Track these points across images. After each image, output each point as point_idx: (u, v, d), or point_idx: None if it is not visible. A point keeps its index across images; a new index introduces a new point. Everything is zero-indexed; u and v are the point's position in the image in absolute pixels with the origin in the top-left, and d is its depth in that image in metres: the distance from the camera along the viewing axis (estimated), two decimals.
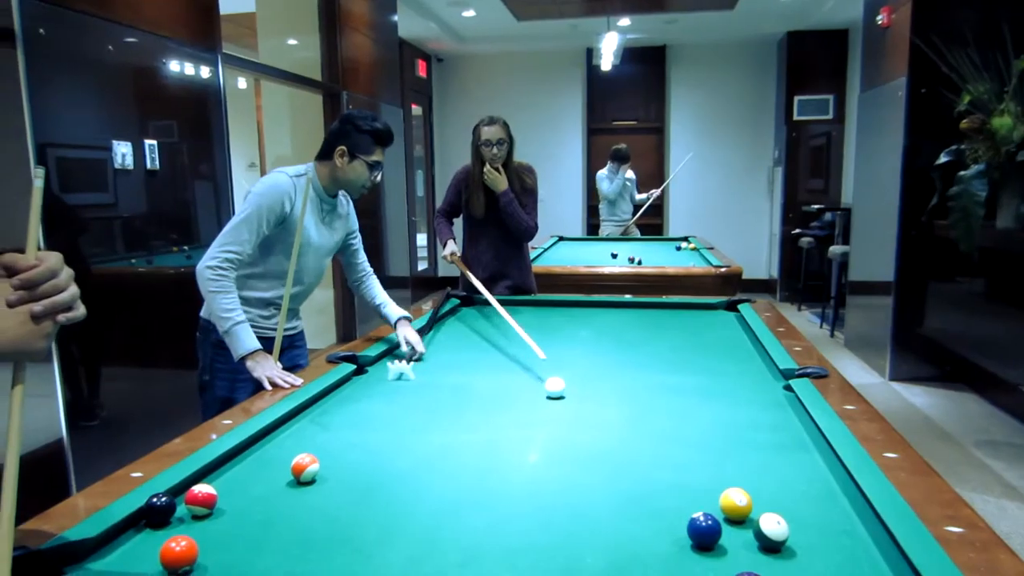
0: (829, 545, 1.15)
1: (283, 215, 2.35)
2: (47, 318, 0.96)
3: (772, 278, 8.99)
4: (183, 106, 3.75)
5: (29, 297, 0.95)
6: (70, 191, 3.06)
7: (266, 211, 2.31)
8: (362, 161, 2.43)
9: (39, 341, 0.97)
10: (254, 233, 2.31)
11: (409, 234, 7.84)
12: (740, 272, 4.52)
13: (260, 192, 2.34)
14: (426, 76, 9.30)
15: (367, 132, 2.42)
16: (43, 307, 0.95)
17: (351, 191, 2.51)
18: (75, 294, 1.00)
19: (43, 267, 0.95)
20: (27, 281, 0.94)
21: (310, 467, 1.43)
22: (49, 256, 0.97)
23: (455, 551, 1.17)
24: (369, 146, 2.43)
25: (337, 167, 2.43)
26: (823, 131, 8.47)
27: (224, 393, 2.42)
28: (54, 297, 0.97)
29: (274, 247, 2.40)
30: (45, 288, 0.96)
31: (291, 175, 2.40)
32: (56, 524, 1.19)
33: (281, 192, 2.34)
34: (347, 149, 2.41)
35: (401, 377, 2.19)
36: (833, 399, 1.80)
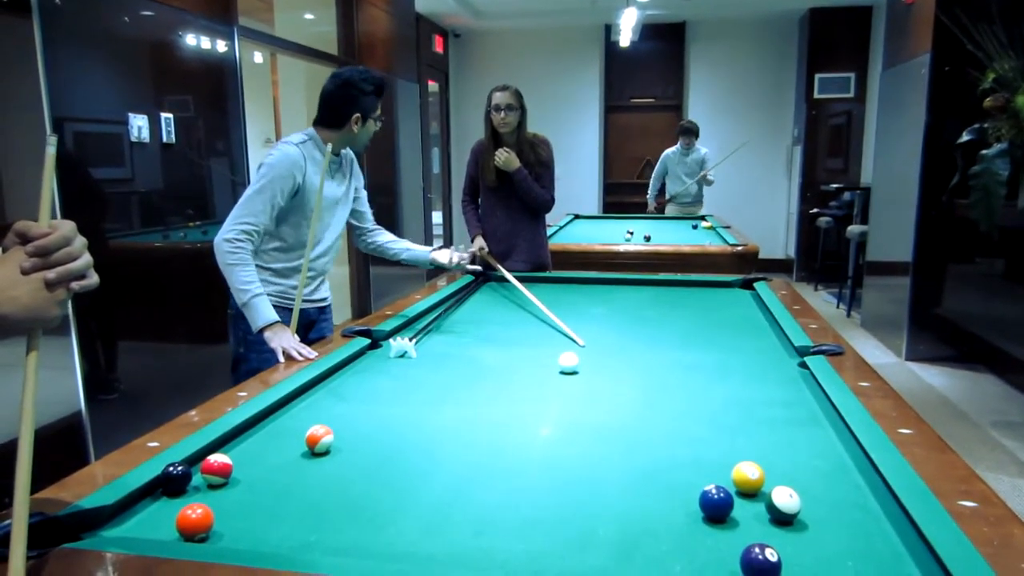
0: (841, 519, 1.15)
1: (296, 185, 2.37)
2: (60, 285, 0.95)
3: (789, 258, 8.92)
4: (199, 80, 3.75)
5: (43, 264, 0.93)
6: (87, 165, 3.08)
7: (279, 182, 2.34)
8: (373, 119, 2.52)
9: (52, 308, 0.96)
10: (268, 204, 2.33)
11: (424, 211, 7.84)
12: (756, 251, 4.49)
13: (272, 164, 2.36)
14: (443, 52, 9.24)
15: (371, 92, 2.48)
16: (56, 274, 0.94)
17: (360, 149, 2.60)
18: (88, 262, 0.99)
19: (57, 234, 0.94)
20: (41, 248, 0.93)
21: (324, 438, 1.45)
22: (63, 224, 0.96)
23: (469, 522, 1.18)
24: (375, 103, 2.52)
25: (353, 132, 2.49)
26: (843, 109, 8.35)
27: (257, 365, 2.44)
28: (68, 264, 0.95)
29: (290, 217, 2.42)
30: (59, 256, 0.95)
31: (297, 143, 2.42)
32: (73, 492, 1.20)
33: (292, 163, 2.37)
34: (361, 114, 2.47)
35: (404, 355, 2.19)
36: (848, 376, 1.79)
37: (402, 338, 2.24)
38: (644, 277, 3.39)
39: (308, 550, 1.09)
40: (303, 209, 2.42)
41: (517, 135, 3.42)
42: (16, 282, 0.93)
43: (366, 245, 2.83)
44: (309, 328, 2.62)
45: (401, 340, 2.22)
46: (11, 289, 0.92)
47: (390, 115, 6.57)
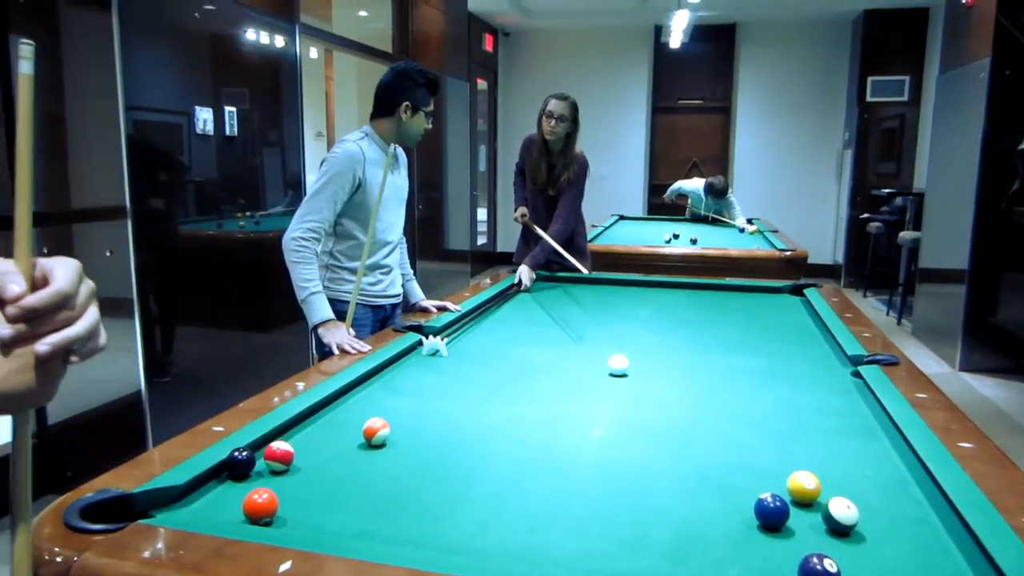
0: (900, 533, 1.14)
1: (357, 181, 2.43)
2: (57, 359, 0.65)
3: (837, 263, 8.76)
4: (260, 74, 3.83)
5: (31, 333, 0.63)
6: (161, 150, 3.18)
7: (339, 178, 2.40)
8: (422, 113, 2.55)
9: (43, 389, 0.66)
10: (330, 201, 2.39)
11: (470, 208, 7.88)
12: (806, 256, 4.43)
13: (332, 161, 2.43)
14: (492, 50, 9.27)
15: (424, 85, 2.53)
16: (51, 347, 0.64)
17: (411, 141, 2.61)
18: (95, 321, 0.68)
19: (52, 290, 0.64)
20: (30, 311, 0.63)
21: (381, 431, 1.48)
22: (60, 266, 0.66)
23: (522, 518, 1.19)
24: (426, 97, 2.55)
25: (402, 121, 2.52)
26: (897, 113, 8.17)
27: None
28: (68, 331, 0.65)
29: (356, 214, 2.48)
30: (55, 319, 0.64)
31: (355, 140, 2.48)
32: (146, 471, 1.25)
33: (352, 158, 2.42)
34: (411, 104, 2.51)
35: (436, 353, 2.20)
36: (904, 387, 1.77)
37: (434, 336, 2.27)
38: (690, 280, 3.38)
39: (367, 539, 1.12)
40: (366, 205, 2.46)
41: (563, 148, 3.40)
42: None
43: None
44: (385, 323, 2.67)
45: (433, 339, 2.25)
46: None
47: (440, 112, 6.62)
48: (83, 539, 1.03)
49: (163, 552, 1.01)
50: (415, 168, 6.01)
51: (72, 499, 1.12)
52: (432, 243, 6.56)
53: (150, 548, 1.02)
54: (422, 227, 6.26)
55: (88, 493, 1.15)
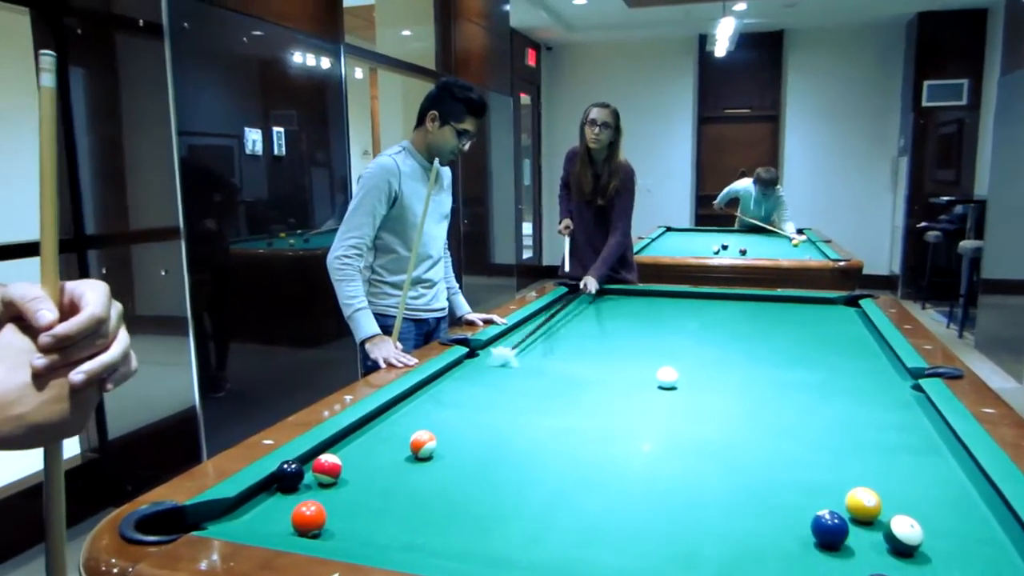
0: (968, 554, 1.09)
1: (393, 193, 2.43)
2: (91, 386, 0.63)
3: (893, 274, 8.53)
4: (307, 95, 3.91)
5: (64, 361, 0.61)
6: (212, 177, 3.27)
7: (375, 192, 2.41)
8: (452, 128, 2.47)
9: (77, 419, 0.63)
10: (369, 216, 2.41)
11: (515, 222, 7.90)
12: (860, 266, 4.32)
13: (366, 176, 2.45)
14: (535, 65, 9.31)
15: (461, 100, 2.46)
16: (87, 375, 0.61)
17: (440, 156, 2.52)
18: (126, 346, 0.65)
19: (86, 316, 0.61)
20: (64, 339, 0.60)
21: (428, 444, 1.48)
22: (91, 289, 0.63)
23: (571, 533, 1.18)
24: (461, 114, 2.46)
25: (428, 131, 2.49)
26: (955, 118, 7.94)
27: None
28: (101, 358, 0.62)
29: (395, 227, 2.49)
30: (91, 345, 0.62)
31: (391, 154, 2.49)
32: (198, 483, 1.27)
33: (385, 171, 2.43)
34: (439, 114, 2.46)
35: (505, 364, 2.20)
36: (968, 401, 1.70)
37: (505, 347, 2.26)
38: (740, 292, 3.32)
39: (415, 551, 1.12)
40: (405, 219, 2.48)
41: (608, 156, 3.39)
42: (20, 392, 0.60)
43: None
44: (429, 337, 2.68)
45: (503, 349, 2.24)
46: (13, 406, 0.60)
47: (484, 127, 6.67)
48: (138, 550, 1.05)
49: (214, 564, 1.03)
50: (460, 183, 6.06)
51: (128, 511, 1.15)
52: (478, 257, 6.58)
53: (201, 559, 1.03)
54: (468, 242, 6.29)
55: (143, 505, 1.17)
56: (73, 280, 0.64)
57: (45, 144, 0.63)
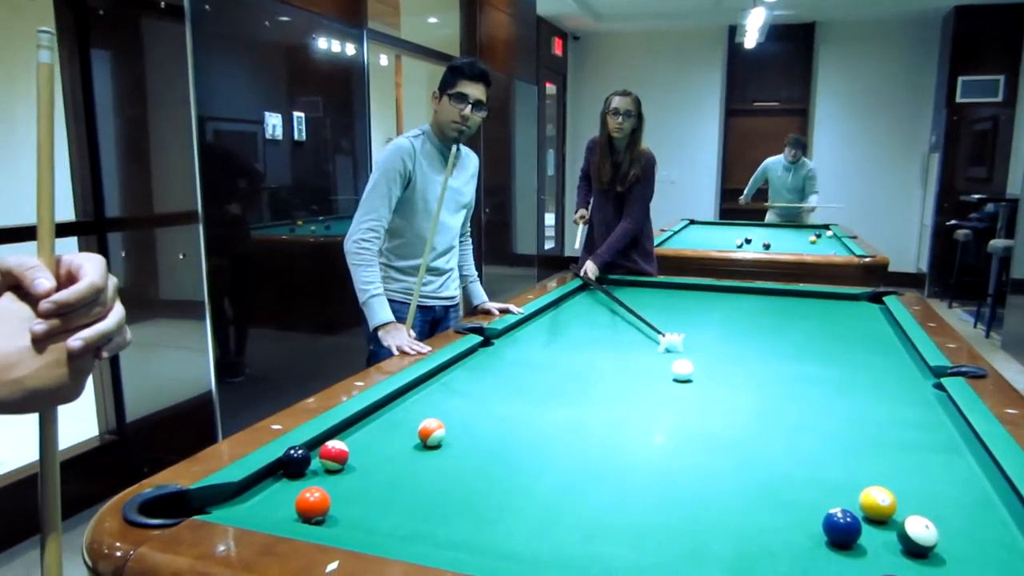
0: (985, 557, 1.06)
1: (407, 174, 2.42)
2: (88, 353, 0.65)
3: (920, 272, 8.39)
4: (330, 80, 3.90)
5: (63, 327, 0.63)
6: (233, 162, 3.28)
7: (390, 172, 2.40)
8: (448, 96, 2.45)
9: (74, 385, 0.66)
10: (385, 198, 2.40)
11: (538, 213, 7.86)
12: (886, 263, 4.24)
13: (381, 158, 2.44)
14: (562, 54, 9.25)
15: (453, 68, 2.47)
16: (84, 342, 0.64)
17: (446, 130, 2.50)
18: (122, 317, 0.68)
19: (85, 284, 0.64)
20: (63, 306, 0.63)
21: (436, 432, 1.46)
22: (86, 261, 0.66)
23: (578, 526, 1.16)
24: (453, 79, 2.45)
25: (435, 111, 2.50)
26: (989, 115, 7.76)
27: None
28: (98, 326, 0.65)
29: (405, 211, 2.47)
30: (89, 314, 0.65)
31: (409, 136, 2.48)
32: (204, 467, 1.27)
33: (400, 151, 2.42)
34: (438, 90, 2.47)
35: (669, 350, 2.22)
36: (992, 401, 1.65)
37: (672, 334, 2.26)
38: (763, 286, 3.27)
39: (419, 541, 1.10)
40: (416, 203, 2.46)
41: (630, 144, 3.36)
42: (20, 356, 0.63)
43: None
44: (436, 325, 2.67)
45: (670, 336, 2.25)
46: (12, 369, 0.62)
47: (508, 116, 6.63)
48: (140, 533, 1.05)
49: (215, 548, 1.02)
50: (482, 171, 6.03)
51: (132, 494, 1.15)
52: (500, 247, 6.57)
53: (203, 544, 1.03)
54: (489, 231, 6.28)
55: (147, 488, 1.17)
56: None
57: (43, 119, 0.64)
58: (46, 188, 0.65)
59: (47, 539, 0.69)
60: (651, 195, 3.48)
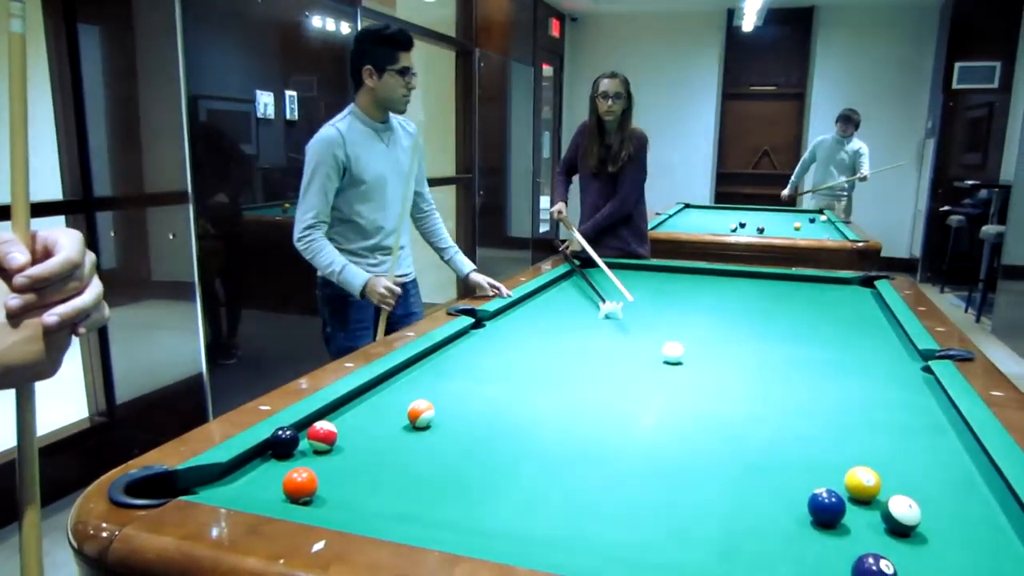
0: (966, 535, 1.07)
1: (342, 163, 2.40)
2: (64, 328, 0.65)
3: (913, 257, 8.40)
4: (323, 60, 3.87)
5: (39, 303, 0.63)
6: (224, 141, 3.25)
7: (322, 168, 2.39)
8: (391, 72, 2.40)
9: (50, 361, 0.66)
10: (320, 192, 2.39)
11: (533, 196, 7.85)
12: (879, 248, 4.25)
13: (311, 151, 2.42)
14: (559, 36, 9.18)
15: (385, 43, 2.40)
16: (60, 317, 0.63)
17: (393, 107, 2.48)
18: (99, 293, 0.67)
19: (61, 258, 0.63)
20: (39, 280, 0.62)
21: (425, 413, 1.46)
22: (64, 236, 0.65)
23: (567, 506, 1.16)
24: (392, 54, 2.40)
25: (371, 87, 2.43)
26: (985, 101, 7.75)
27: (344, 343, 2.55)
28: (76, 301, 0.64)
29: (353, 199, 2.47)
30: (64, 289, 0.64)
31: (334, 123, 2.45)
32: (191, 448, 1.27)
33: (329, 144, 2.39)
34: (373, 67, 2.40)
35: (609, 316, 2.32)
36: (978, 383, 1.66)
37: (611, 302, 2.35)
38: (756, 270, 3.27)
39: (406, 521, 1.11)
40: (357, 187, 2.45)
41: (620, 125, 3.35)
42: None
43: (417, 225, 2.82)
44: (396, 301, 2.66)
45: (609, 304, 2.34)
46: None
47: (504, 97, 6.60)
48: (125, 514, 1.05)
49: (201, 528, 1.02)
50: (476, 152, 6.01)
51: (118, 475, 1.15)
52: (494, 230, 6.55)
53: (188, 524, 1.03)
54: (484, 213, 6.26)
55: (134, 469, 1.17)
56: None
57: (15, 93, 0.64)
58: (20, 163, 0.65)
59: (25, 515, 0.69)
60: (644, 176, 3.47)
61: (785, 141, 9.07)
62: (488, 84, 6.21)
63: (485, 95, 6.10)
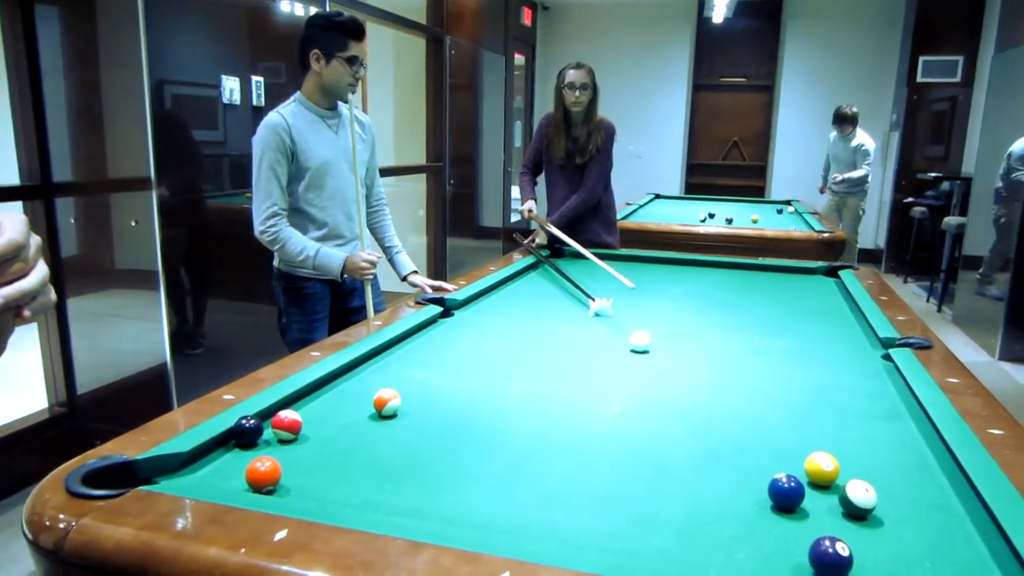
0: (921, 519, 1.10)
1: (289, 148, 2.37)
2: (8, 312, 0.63)
3: (878, 248, 8.54)
4: (291, 46, 3.80)
5: None
6: (186, 126, 3.20)
7: (270, 153, 2.35)
8: (339, 59, 2.38)
9: None
10: (273, 179, 2.36)
11: (504, 185, 7.83)
12: (844, 239, 4.31)
13: (257, 140, 2.38)
14: (531, 24, 9.15)
15: (336, 29, 2.37)
16: (4, 299, 0.62)
17: (338, 94, 2.45)
18: (45, 276, 0.66)
19: (4, 241, 0.62)
20: None
21: (392, 402, 1.46)
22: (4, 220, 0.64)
23: (532, 493, 1.17)
24: (342, 42, 2.37)
25: (317, 73, 2.40)
26: (948, 95, 7.89)
27: (299, 335, 2.53)
28: (20, 284, 0.63)
29: (304, 188, 2.43)
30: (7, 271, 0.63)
31: (278, 110, 2.41)
32: (153, 437, 1.25)
33: (275, 129, 2.36)
34: (321, 52, 2.37)
35: (599, 314, 2.30)
36: (936, 371, 1.70)
37: (602, 299, 2.34)
38: (723, 260, 3.30)
39: (371, 509, 1.11)
40: (303, 175, 2.41)
41: (586, 116, 3.35)
42: None
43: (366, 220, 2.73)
44: (346, 298, 2.63)
45: (599, 301, 2.33)
46: None
47: (475, 86, 6.57)
48: (83, 505, 1.03)
49: (161, 518, 1.01)
50: (446, 141, 5.99)
51: (76, 465, 1.13)
52: (464, 219, 6.53)
53: (148, 514, 1.01)
54: (454, 203, 6.24)
55: (92, 459, 1.15)
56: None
57: None
58: None
59: None
60: (611, 166, 3.48)
61: (754, 132, 9.16)
62: (459, 72, 6.17)
63: (456, 83, 6.07)
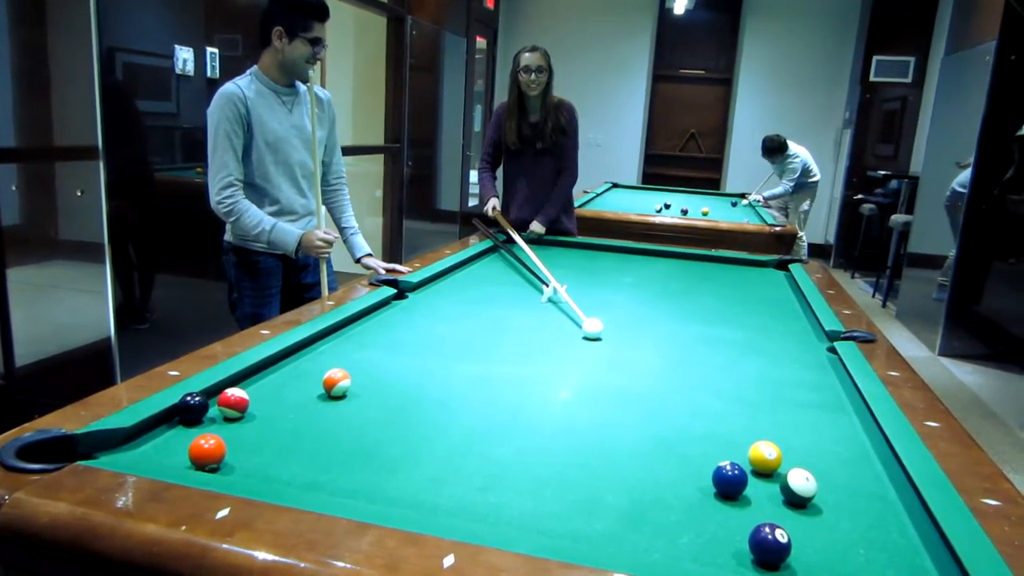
0: (857, 507, 1.13)
1: (245, 118, 2.33)
2: None
3: (827, 243, 8.74)
4: (250, 19, 3.71)
5: None
6: (134, 97, 3.10)
7: (226, 123, 2.30)
8: (302, 39, 2.34)
9: None
10: (230, 148, 2.31)
11: (462, 169, 7.79)
12: (795, 233, 4.41)
13: (213, 109, 2.33)
14: (494, 8, 9.09)
15: (302, 8, 2.34)
16: None
17: (296, 73, 2.42)
18: None
19: None
20: None
21: (341, 382, 1.45)
22: None
23: (479, 476, 1.17)
24: (307, 22, 2.34)
25: (278, 49, 2.37)
26: (899, 95, 8.08)
27: (251, 309, 2.49)
28: None
29: (256, 161, 2.39)
30: None
31: (236, 81, 2.37)
32: (93, 412, 1.22)
33: (231, 98, 2.32)
34: (284, 29, 2.34)
35: (552, 300, 2.34)
36: (878, 364, 1.75)
37: (555, 285, 2.35)
38: (677, 250, 3.34)
39: (317, 490, 1.10)
40: (257, 148, 2.37)
41: (543, 98, 3.35)
42: None
43: (324, 198, 2.68)
44: (304, 270, 2.60)
45: (554, 286, 2.35)
46: None
47: (436, 68, 6.50)
48: (17, 478, 1.00)
49: (99, 493, 0.98)
50: (406, 122, 5.93)
51: (10, 438, 1.09)
52: (422, 202, 6.48)
53: (85, 489, 0.99)
54: (412, 185, 6.19)
55: (28, 433, 1.11)
56: None
57: None
58: None
59: None
60: (578, 145, 3.50)
61: (712, 125, 9.26)
62: (420, 53, 6.11)
63: (416, 64, 6.00)
